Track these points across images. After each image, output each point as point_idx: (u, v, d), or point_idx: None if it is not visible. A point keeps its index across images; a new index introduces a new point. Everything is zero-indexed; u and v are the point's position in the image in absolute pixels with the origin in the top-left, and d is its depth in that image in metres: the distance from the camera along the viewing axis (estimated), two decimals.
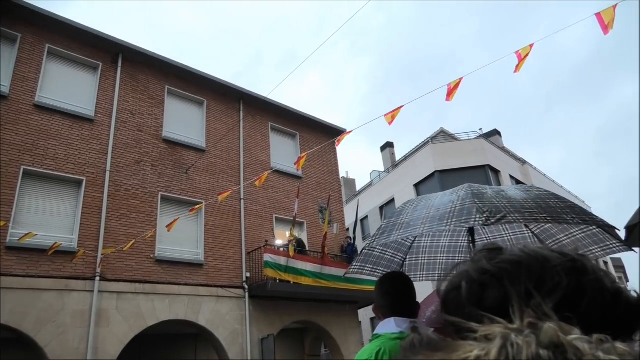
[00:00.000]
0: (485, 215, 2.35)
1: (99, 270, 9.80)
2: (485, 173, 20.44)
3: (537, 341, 0.39)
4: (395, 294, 1.99)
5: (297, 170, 14.23)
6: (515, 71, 4.56)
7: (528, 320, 0.43)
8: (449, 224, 2.46)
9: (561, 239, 3.26)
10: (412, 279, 3.71)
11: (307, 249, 13.49)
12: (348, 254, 13.89)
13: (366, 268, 3.44)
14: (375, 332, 1.90)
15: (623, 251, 2.94)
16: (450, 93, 4.96)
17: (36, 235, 8.60)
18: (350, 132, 5.90)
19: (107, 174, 10.81)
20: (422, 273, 3.75)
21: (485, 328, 0.44)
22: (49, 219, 9.88)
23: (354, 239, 14.93)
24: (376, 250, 3.44)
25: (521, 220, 2.49)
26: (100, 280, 9.79)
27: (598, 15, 4.52)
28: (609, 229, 2.79)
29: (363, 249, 3.35)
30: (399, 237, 2.74)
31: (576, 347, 0.39)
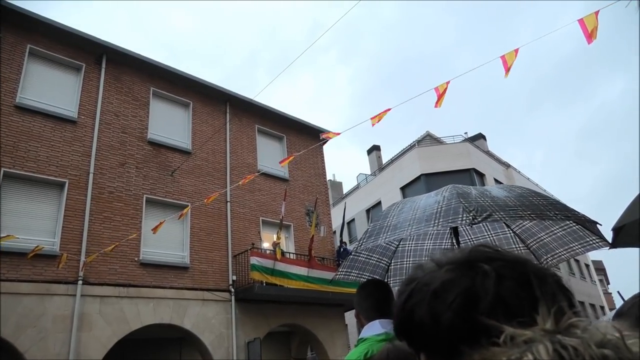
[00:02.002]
0: (471, 214, 2.37)
1: (81, 273, 9.63)
2: (470, 176, 20.66)
3: (593, 341, 0.39)
4: (378, 295, 2.00)
5: (281, 167, 14.19)
6: (505, 76, 4.62)
7: (570, 322, 0.43)
8: (436, 224, 2.47)
9: (542, 237, 3.30)
10: (397, 283, 3.75)
11: (294, 251, 13.46)
12: (343, 258, 13.86)
13: (352, 273, 3.44)
14: (360, 337, 1.90)
15: (603, 247, 3.00)
16: (439, 99, 4.99)
17: (17, 238, 8.41)
18: (338, 134, 5.90)
19: (91, 176, 10.64)
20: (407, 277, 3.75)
21: (521, 331, 0.43)
22: (30, 222, 9.68)
23: (342, 242, 14.90)
24: (362, 255, 3.45)
25: (507, 218, 2.51)
26: (83, 284, 9.63)
27: (580, 21, 4.60)
28: (590, 225, 2.84)
29: (350, 254, 3.36)
30: (386, 239, 2.74)
31: (626, 345, 0.39)
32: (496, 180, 22.51)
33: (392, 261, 3.69)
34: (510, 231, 3.52)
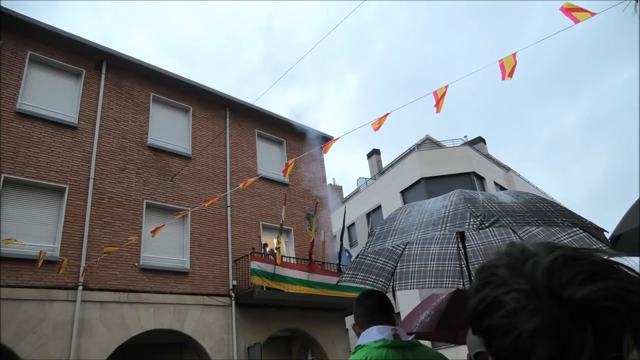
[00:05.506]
0: (479, 219, 2.37)
1: (81, 279, 9.62)
2: (471, 180, 20.66)
3: None
4: (369, 302, 2.01)
5: (284, 177, 14.21)
6: (502, 79, 4.64)
7: None
8: (443, 228, 2.47)
9: None
10: (403, 287, 3.76)
11: (294, 256, 13.45)
12: (344, 263, 13.81)
13: (358, 276, 3.45)
14: (358, 343, 1.89)
15: (608, 253, 2.98)
16: (438, 103, 5.01)
17: (18, 241, 8.42)
18: (337, 139, 5.91)
19: (91, 181, 10.65)
20: (412, 281, 3.77)
21: None
22: (30, 227, 9.67)
23: (342, 246, 14.86)
24: (368, 258, 3.45)
25: (514, 224, 2.51)
26: (83, 289, 9.61)
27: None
28: (596, 232, 2.84)
29: (356, 257, 3.36)
30: (393, 243, 2.74)
31: None
32: (496, 184, 22.50)
33: (398, 264, 3.70)
34: (517, 237, 3.53)
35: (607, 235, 2.90)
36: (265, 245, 12.91)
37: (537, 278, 0.49)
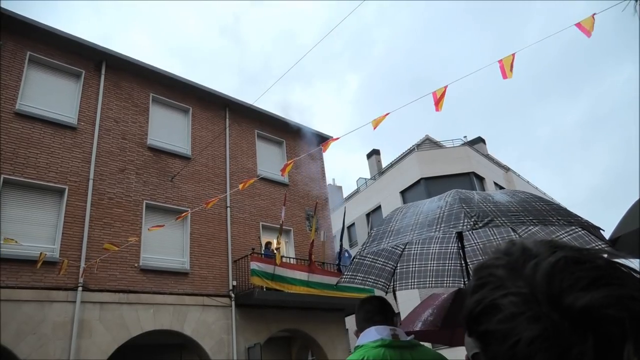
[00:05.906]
0: (473, 220, 2.38)
1: (81, 280, 9.61)
2: (470, 180, 20.66)
3: None
4: (373, 307, 2.05)
5: (283, 177, 14.21)
6: (503, 78, 4.65)
7: None
8: (437, 229, 2.48)
9: None
10: (404, 287, 3.77)
11: (294, 256, 13.45)
12: (344, 263, 13.81)
13: (357, 277, 3.46)
14: (357, 344, 1.92)
15: (608, 252, 2.98)
16: (438, 102, 5.02)
17: (16, 242, 8.41)
18: (337, 138, 5.91)
19: (90, 182, 10.65)
20: (413, 280, 3.78)
21: None
22: (30, 228, 9.67)
23: (341, 247, 14.86)
24: (367, 259, 3.46)
25: (508, 224, 2.52)
26: (83, 290, 9.60)
27: (578, 24, 4.64)
28: (594, 230, 2.84)
29: (354, 258, 3.36)
30: (389, 244, 2.75)
31: None
32: (496, 184, 22.51)
33: (398, 265, 3.70)
34: (516, 235, 3.53)
35: (605, 235, 2.90)
36: (269, 243, 12.91)
37: (537, 281, 0.47)
